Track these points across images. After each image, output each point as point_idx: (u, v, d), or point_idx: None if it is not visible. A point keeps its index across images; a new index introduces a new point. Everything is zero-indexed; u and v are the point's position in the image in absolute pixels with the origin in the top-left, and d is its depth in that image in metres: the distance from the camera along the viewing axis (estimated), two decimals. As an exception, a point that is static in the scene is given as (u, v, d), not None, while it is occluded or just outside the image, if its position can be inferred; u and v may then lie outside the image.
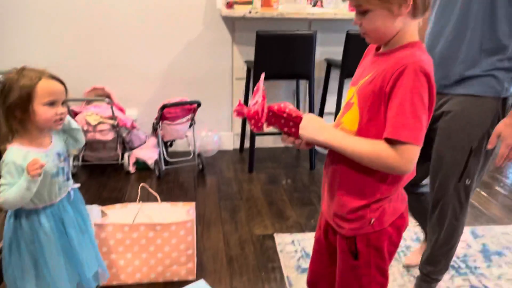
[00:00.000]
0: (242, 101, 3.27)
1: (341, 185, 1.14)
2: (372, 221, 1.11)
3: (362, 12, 1.02)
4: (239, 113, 1.17)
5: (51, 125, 1.37)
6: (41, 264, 1.42)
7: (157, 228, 1.84)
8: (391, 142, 1.00)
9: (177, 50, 3.22)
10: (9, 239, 1.42)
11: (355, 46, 2.85)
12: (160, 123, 2.92)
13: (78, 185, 1.55)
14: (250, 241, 2.27)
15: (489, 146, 1.49)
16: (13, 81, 1.31)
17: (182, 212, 1.99)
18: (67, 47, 3.07)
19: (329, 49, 3.30)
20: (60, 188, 1.44)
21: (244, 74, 3.28)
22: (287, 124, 1.15)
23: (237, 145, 3.52)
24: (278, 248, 2.19)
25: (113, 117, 2.83)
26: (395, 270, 2.05)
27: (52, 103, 1.34)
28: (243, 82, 3.29)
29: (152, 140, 3.14)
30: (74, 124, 1.52)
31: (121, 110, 3.07)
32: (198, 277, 1.94)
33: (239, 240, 2.28)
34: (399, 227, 1.16)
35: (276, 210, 2.59)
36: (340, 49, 2.98)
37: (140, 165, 3.05)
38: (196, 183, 2.93)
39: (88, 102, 3.02)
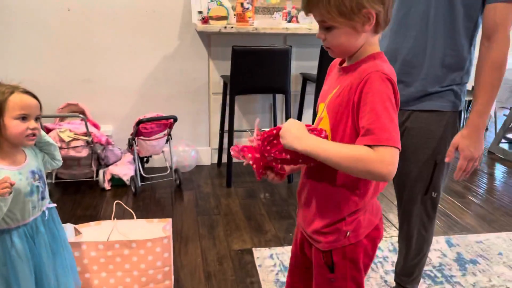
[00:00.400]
0: (219, 118, 3.30)
1: (317, 200, 1.14)
2: (348, 233, 1.11)
3: (326, 28, 1.04)
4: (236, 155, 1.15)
5: (22, 140, 1.34)
6: (13, 286, 1.37)
7: (132, 245, 1.80)
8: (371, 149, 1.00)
9: (153, 65, 3.22)
10: None
11: (329, 60, 2.90)
12: (135, 139, 2.89)
13: (54, 204, 1.51)
14: (228, 256, 2.25)
15: (447, 160, 1.52)
16: None
17: (158, 229, 1.96)
18: (41, 62, 3.02)
19: (304, 63, 3.36)
20: (34, 207, 1.40)
21: (220, 89, 3.29)
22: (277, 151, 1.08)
23: (215, 160, 3.51)
24: (257, 263, 2.18)
25: (87, 134, 2.78)
26: (372, 281, 2.06)
27: (24, 117, 1.31)
28: (220, 97, 3.30)
29: (128, 156, 3.10)
30: (50, 140, 1.49)
31: (96, 126, 3.03)
32: (175, 295, 1.91)
33: (217, 255, 2.25)
34: (374, 238, 1.17)
35: (255, 224, 2.58)
36: (315, 63, 3.03)
37: (116, 181, 2.99)
38: (174, 198, 2.90)
39: (62, 118, 2.97)
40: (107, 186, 2.95)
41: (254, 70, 2.86)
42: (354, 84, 1.02)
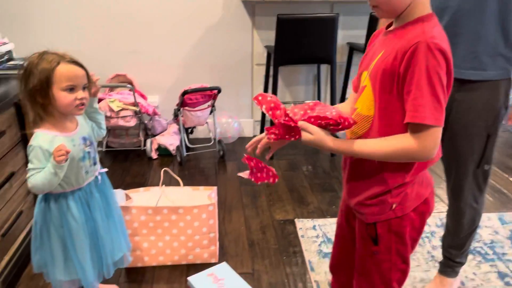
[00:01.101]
0: (262, 89, 3.28)
1: (361, 172, 1.12)
2: (394, 206, 1.08)
3: None
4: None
5: (72, 110, 1.37)
6: (69, 248, 1.45)
7: (179, 211, 1.86)
8: (412, 127, 0.97)
9: (198, 36, 3.22)
10: (40, 224, 1.45)
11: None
12: (181, 109, 2.94)
13: (105, 169, 1.56)
14: (271, 226, 2.27)
15: (510, 122, 1.46)
16: (33, 65, 1.31)
17: (204, 196, 2.01)
18: (90, 33, 3.10)
19: (351, 32, 3.24)
20: (87, 172, 1.46)
21: (264, 60, 3.25)
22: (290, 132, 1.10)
23: (257, 132, 3.51)
24: (299, 233, 2.19)
25: (135, 104, 2.86)
26: (419, 255, 2.02)
27: (71, 89, 1.34)
28: (263, 68, 3.27)
29: (174, 127, 3.17)
30: (99, 110, 1.54)
31: (143, 96, 3.10)
32: (220, 260, 1.96)
33: (261, 224, 2.28)
34: (423, 212, 1.13)
35: (297, 196, 2.58)
36: (363, 32, 2.92)
37: (162, 151, 3.08)
38: (217, 168, 2.95)
39: (111, 88, 3.06)
40: (154, 155, 3.05)
41: (299, 39, 2.80)
42: (400, 52, 0.97)
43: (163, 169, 2.14)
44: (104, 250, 1.53)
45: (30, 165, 1.34)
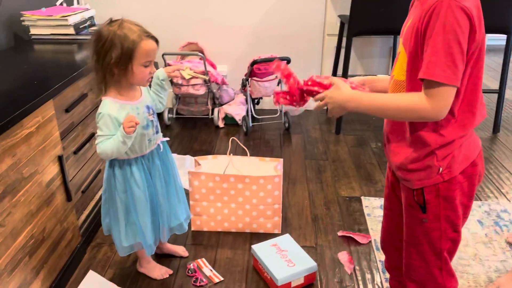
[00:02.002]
0: (333, 61, 3.16)
1: (401, 134, 1.10)
2: (441, 170, 1.04)
3: None
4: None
5: (143, 84, 1.43)
6: (132, 212, 1.52)
7: (246, 180, 1.88)
8: (425, 84, 0.97)
9: (269, 4, 3.16)
10: (107, 189, 1.53)
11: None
12: (249, 80, 2.93)
13: (167, 138, 1.59)
14: (336, 201, 2.23)
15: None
16: (115, 36, 1.31)
17: (270, 167, 2.01)
18: (165, 1, 3.15)
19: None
20: (150, 140, 1.50)
21: (336, 30, 3.13)
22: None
23: (325, 105, 3.42)
24: (366, 211, 2.13)
25: (205, 73, 2.89)
26: (495, 244, 1.89)
27: (148, 65, 1.37)
28: (335, 39, 3.15)
29: (240, 97, 3.18)
30: (166, 86, 1.57)
31: (213, 65, 3.13)
32: (283, 232, 1.97)
33: (325, 199, 2.25)
34: (471, 175, 1.08)
35: (364, 173, 2.50)
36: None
37: (229, 120, 3.12)
38: (282, 141, 2.93)
39: (183, 56, 3.11)
40: (220, 124, 3.09)
41: (377, 8, 2.63)
42: (423, 13, 0.96)
43: (231, 138, 2.17)
44: (162, 215, 1.58)
45: (99, 132, 1.38)
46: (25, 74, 1.75)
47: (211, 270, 1.75)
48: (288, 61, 2.87)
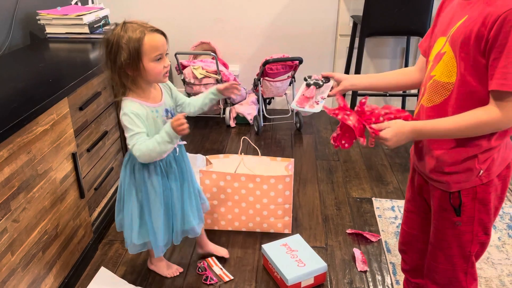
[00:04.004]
0: (345, 62, 3.15)
1: (441, 139, 1.08)
2: (481, 172, 1.04)
3: None
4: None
5: (160, 79, 1.39)
6: (145, 213, 1.52)
7: (257, 179, 1.88)
8: (497, 95, 0.95)
9: (282, 4, 3.15)
10: (123, 187, 1.53)
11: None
12: (261, 79, 2.93)
13: (184, 142, 1.58)
14: (346, 202, 2.22)
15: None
16: (120, 39, 1.31)
17: (281, 167, 2.01)
18: (179, 1, 3.17)
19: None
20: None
21: (349, 30, 3.11)
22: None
23: (337, 106, 3.41)
24: (377, 213, 2.12)
25: (217, 72, 2.90)
26: (508, 248, 1.86)
27: (159, 58, 1.35)
28: (348, 39, 3.13)
29: (252, 96, 3.18)
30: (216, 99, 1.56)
31: (225, 65, 3.14)
32: (293, 232, 1.97)
33: (336, 200, 2.24)
34: (505, 177, 1.08)
35: (376, 174, 2.49)
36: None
37: (240, 120, 3.12)
38: (293, 141, 2.93)
39: (195, 56, 3.13)
40: (232, 123, 3.10)
41: (391, 9, 2.62)
42: (490, 18, 0.92)
43: (242, 138, 2.18)
44: (175, 218, 1.57)
45: (130, 133, 1.35)
46: (40, 72, 1.77)
47: (221, 268, 1.76)
48: (301, 61, 2.87)
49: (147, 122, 1.39)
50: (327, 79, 1.31)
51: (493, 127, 0.98)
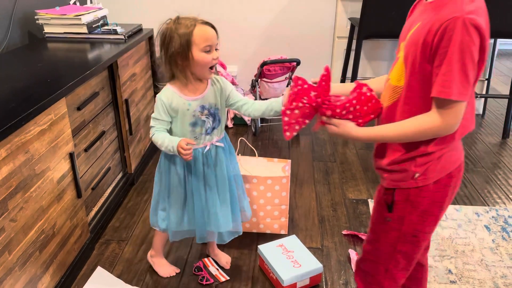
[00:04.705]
0: (342, 64, 3.16)
1: None
2: (417, 175, 1.06)
3: None
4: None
5: (206, 72, 1.41)
6: (166, 197, 1.57)
7: (253, 180, 1.89)
8: (438, 102, 0.98)
9: (280, 6, 3.17)
10: (157, 168, 1.60)
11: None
12: (258, 80, 2.94)
13: (221, 144, 1.55)
14: (342, 204, 2.24)
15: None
16: (172, 31, 1.37)
17: (278, 168, 2.02)
18: (175, 1, 3.18)
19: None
20: (196, 138, 1.49)
21: (346, 33, 3.13)
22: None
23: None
24: (372, 214, 2.13)
25: (215, 73, 2.90)
26: (502, 250, 1.88)
27: (208, 50, 1.38)
28: (345, 41, 3.15)
29: (250, 97, 3.19)
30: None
31: (223, 66, 3.15)
32: (289, 233, 1.98)
33: (332, 201, 2.26)
34: (445, 186, 1.09)
35: (372, 176, 2.50)
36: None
37: (238, 120, 3.13)
38: (290, 142, 2.94)
39: (192, 57, 3.13)
40: (229, 124, 3.11)
41: (388, 12, 2.63)
42: (434, 27, 0.95)
43: (239, 139, 2.18)
44: (197, 216, 1.57)
45: (153, 115, 1.47)
46: (38, 72, 1.78)
47: (217, 269, 1.76)
48: (298, 62, 2.89)
49: (174, 113, 1.45)
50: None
51: (433, 133, 1.01)
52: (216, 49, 1.41)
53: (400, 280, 1.20)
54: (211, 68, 1.42)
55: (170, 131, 1.49)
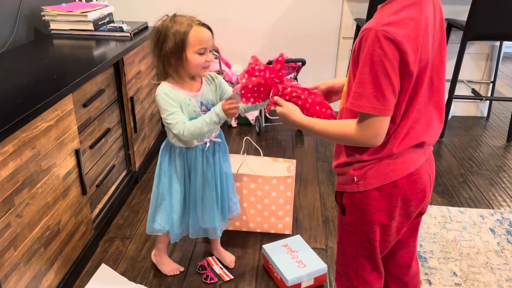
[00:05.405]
0: (347, 64, 3.15)
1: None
2: (355, 179, 1.06)
3: None
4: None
5: (199, 72, 1.41)
6: (168, 199, 1.56)
7: (259, 180, 1.89)
8: (358, 113, 0.97)
9: (285, 5, 3.16)
10: (159, 162, 1.57)
11: (485, 4, 2.54)
12: (263, 80, 2.93)
13: (219, 140, 1.55)
14: (347, 204, 2.23)
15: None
16: (168, 29, 1.36)
17: (283, 168, 2.01)
18: (182, 0, 3.17)
19: (450, 7, 2.98)
20: None
21: (352, 33, 3.12)
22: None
23: (337, 108, 3.42)
24: (377, 215, 2.12)
25: (220, 72, 2.90)
26: (507, 253, 1.87)
27: (203, 52, 1.37)
28: (351, 42, 3.14)
29: (254, 97, 3.19)
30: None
31: (227, 65, 3.14)
32: (293, 233, 1.97)
33: (336, 202, 2.24)
34: (390, 195, 1.05)
35: (376, 177, 2.49)
36: (465, 8, 2.67)
37: (242, 120, 3.13)
38: (294, 142, 2.93)
39: (197, 55, 3.12)
40: (233, 123, 3.11)
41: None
42: (357, 41, 0.94)
43: (245, 138, 2.18)
44: (192, 213, 1.58)
45: (165, 112, 1.39)
46: (45, 68, 1.77)
47: (221, 268, 1.76)
48: (303, 62, 2.88)
49: (180, 105, 1.42)
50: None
51: (352, 141, 1.01)
52: (210, 51, 1.40)
53: (375, 283, 1.19)
54: (206, 68, 1.41)
55: None
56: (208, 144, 1.52)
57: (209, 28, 1.39)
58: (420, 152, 1.07)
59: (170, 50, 1.36)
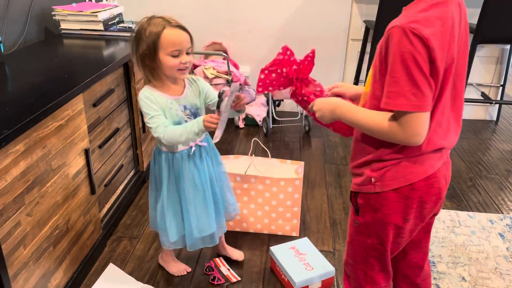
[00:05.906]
0: (356, 66, 3.14)
1: (355, 139, 1.12)
2: (373, 180, 1.06)
3: None
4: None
5: (174, 74, 1.40)
6: (159, 198, 1.55)
7: (266, 181, 1.88)
8: (395, 112, 0.95)
9: (294, 7, 3.16)
10: (151, 184, 1.58)
11: (496, 7, 2.51)
12: (271, 81, 2.93)
13: (204, 144, 1.53)
14: (354, 207, 2.22)
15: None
16: (143, 30, 1.36)
17: (291, 170, 2.01)
18: (191, 1, 3.18)
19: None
20: None
21: (361, 35, 3.11)
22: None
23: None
24: (385, 218, 2.11)
25: (228, 72, 2.91)
26: None
27: (176, 55, 1.36)
28: (359, 44, 3.13)
29: (262, 98, 3.19)
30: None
31: (236, 66, 3.14)
32: (301, 235, 1.97)
33: (344, 205, 2.24)
34: (407, 197, 1.05)
35: (384, 179, 2.48)
36: (476, 11, 2.65)
37: (249, 121, 3.13)
38: (302, 143, 2.93)
39: (206, 56, 3.13)
40: (241, 124, 3.11)
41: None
42: (384, 37, 0.94)
43: (253, 139, 2.18)
44: (186, 222, 1.53)
45: (147, 116, 1.38)
46: (55, 68, 1.78)
47: (228, 269, 1.76)
48: (311, 64, 2.87)
49: (162, 109, 1.41)
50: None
51: (392, 138, 0.98)
52: (187, 53, 1.38)
53: (381, 282, 1.19)
54: (182, 70, 1.39)
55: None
56: (194, 148, 1.49)
57: (186, 29, 1.37)
58: (438, 155, 1.06)
59: (143, 52, 1.36)
